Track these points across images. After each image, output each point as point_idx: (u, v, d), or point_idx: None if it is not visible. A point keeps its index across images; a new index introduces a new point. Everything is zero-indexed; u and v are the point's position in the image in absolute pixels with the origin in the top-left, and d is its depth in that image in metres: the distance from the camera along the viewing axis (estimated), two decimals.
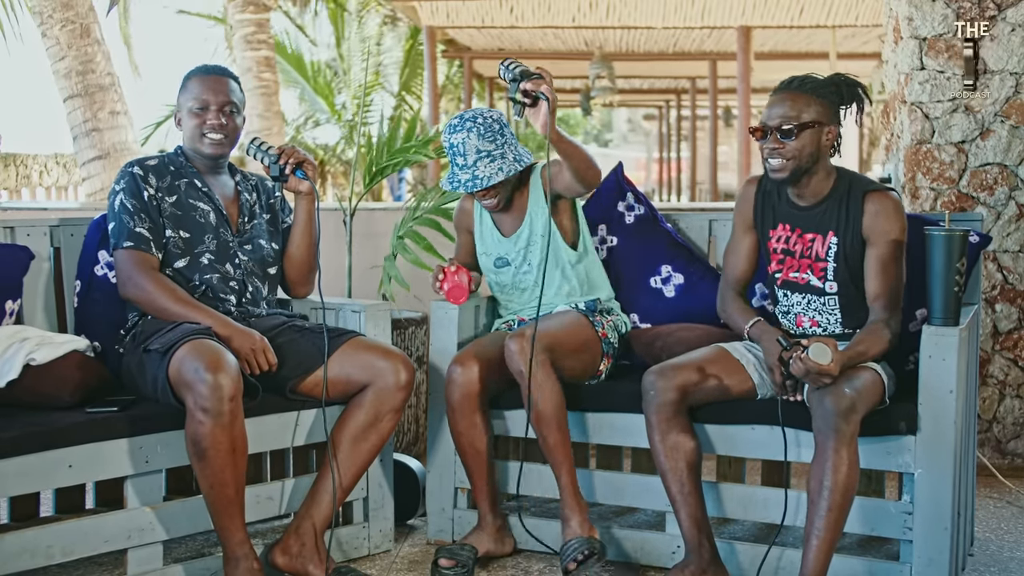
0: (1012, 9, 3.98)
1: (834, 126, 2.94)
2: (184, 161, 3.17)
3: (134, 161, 3.14)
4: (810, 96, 2.92)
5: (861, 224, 2.90)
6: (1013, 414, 4.10)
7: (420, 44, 15.64)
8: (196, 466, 2.72)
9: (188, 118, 3.12)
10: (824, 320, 2.98)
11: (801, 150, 2.89)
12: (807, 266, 2.98)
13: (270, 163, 3.12)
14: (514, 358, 3.01)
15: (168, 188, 3.10)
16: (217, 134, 3.10)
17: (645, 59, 15.07)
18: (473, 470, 3.16)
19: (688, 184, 23.57)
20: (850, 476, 2.64)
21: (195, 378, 2.68)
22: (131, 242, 3.01)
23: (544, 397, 3.00)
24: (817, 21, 11.41)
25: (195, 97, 3.10)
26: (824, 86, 2.95)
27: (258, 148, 3.15)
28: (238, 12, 11.09)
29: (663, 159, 24.60)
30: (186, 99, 3.12)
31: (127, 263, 3.00)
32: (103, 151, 8.10)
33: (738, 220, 3.14)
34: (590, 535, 3.02)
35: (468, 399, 3.10)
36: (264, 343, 2.94)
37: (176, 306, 2.96)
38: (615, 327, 3.29)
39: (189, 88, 3.13)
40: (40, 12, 8.01)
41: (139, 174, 3.08)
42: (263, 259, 3.19)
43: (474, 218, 3.40)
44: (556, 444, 3.03)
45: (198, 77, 3.14)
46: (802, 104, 2.91)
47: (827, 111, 2.93)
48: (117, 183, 3.09)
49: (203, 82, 3.12)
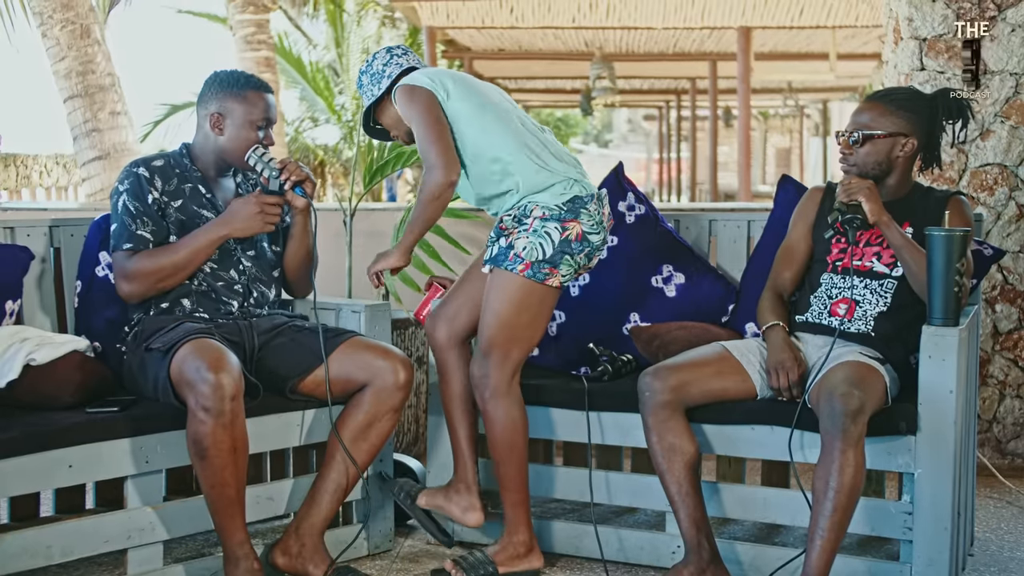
0: (1012, 9, 3.98)
1: (914, 139, 2.99)
2: (189, 163, 3.14)
3: (139, 161, 3.11)
4: (888, 107, 3.00)
5: (941, 219, 2.92)
6: (1013, 414, 4.10)
7: (420, 44, 15.64)
8: (197, 466, 2.72)
9: (248, 131, 3.06)
10: (869, 302, 2.97)
11: (866, 159, 2.98)
12: (872, 254, 3.00)
13: (270, 176, 3.07)
14: (476, 386, 2.98)
15: (173, 192, 3.08)
16: (265, 152, 3.09)
17: (645, 59, 15.07)
18: (454, 417, 3.08)
19: (688, 184, 23.57)
20: (856, 478, 2.63)
21: (197, 377, 2.68)
22: (131, 244, 3.01)
23: (504, 426, 2.96)
24: (817, 21, 11.41)
25: (261, 114, 3.07)
26: (911, 99, 3.02)
27: (260, 158, 3.08)
28: (238, 12, 11.09)
29: (663, 159, 24.59)
30: (247, 111, 3.06)
31: (126, 264, 3.00)
32: (103, 151, 8.09)
33: (799, 224, 3.17)
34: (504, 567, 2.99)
35: (451, 340, 3.07)
36: (259, 198, 3.02)
37: (181, 252, 2.99)
38: (546, 235, 2.90)
39: (252, 101, 3.07)
40: (40, 12, 8.01)
41: (145, 176, 3.06)
42: (266, 263, 3.18)
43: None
44: (510, 470, 2.99)
45: (262, 94, 3.09)
46: (876, 114, 2.99)
47: (907, 124, 2.98)
48: (121, 183, 3.07)
49: (267, 101, 3.09)
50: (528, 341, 2.98)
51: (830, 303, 3.02)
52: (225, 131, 3.08)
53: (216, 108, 3.09)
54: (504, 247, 2.95)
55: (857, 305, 2.98)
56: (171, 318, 2.99)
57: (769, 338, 2.99)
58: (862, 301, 2.98)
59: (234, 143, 3.08)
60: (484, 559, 2.99)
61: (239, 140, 3.08)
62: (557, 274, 2.91)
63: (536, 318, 2.95)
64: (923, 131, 3.01)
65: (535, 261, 2.89)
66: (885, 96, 3.04)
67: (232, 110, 3.07)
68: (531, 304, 2.92)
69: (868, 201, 2.90)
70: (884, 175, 3.01)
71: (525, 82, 20.09)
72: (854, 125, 3.02)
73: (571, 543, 3.18)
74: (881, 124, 2.98)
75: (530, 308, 2.92)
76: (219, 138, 3.09)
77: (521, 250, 2.91)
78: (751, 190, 13.08)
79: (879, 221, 2.90)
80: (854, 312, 2.97)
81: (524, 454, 3.00)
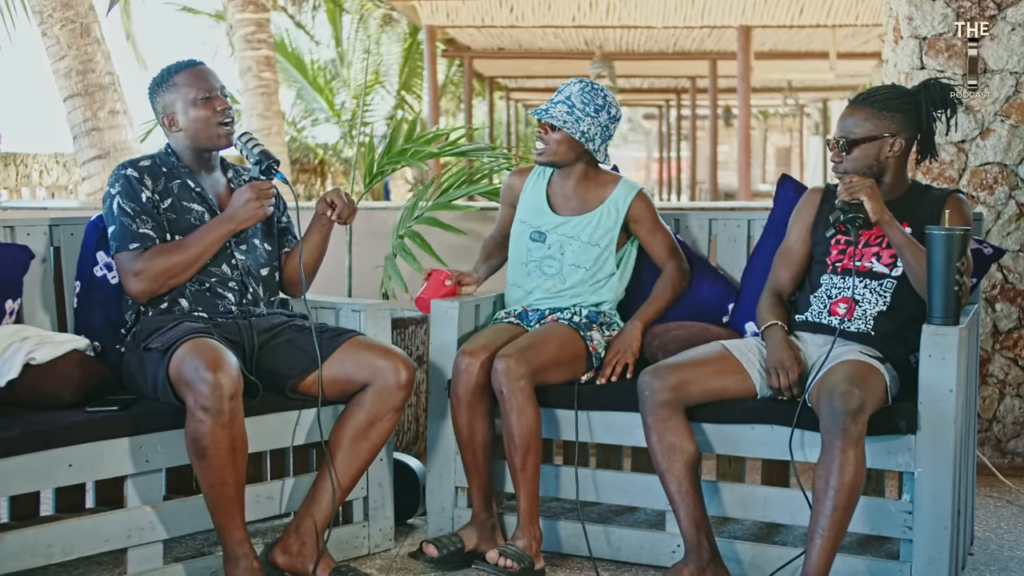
0: (1012, 9, 3.98)
1: (901, 137, 2.98)
2: (176, 161, 3.13)
3: (126, 163, 3.09)
4: (871, 110, 2.99)
5: (940, 218, 2.93)
6: (1013, 413, 4.10)
7: (420, 43, 15.64)
8: (196, 465, 2.72)
9: (195, 110, 3.06)
10: (869, 302, 2.97)
11: (856, 164, 2.98)
12: (872, 255, 3.00)
13: (251, 162, 3.11)
14: (499, 378, 3.02)
15: (163, 191, 3.07)
16: (227, 119, 3.08)
17: (645, 59, 15.09)
18: (470, 465, 3.16)
19: (688, 184, 23.56)
20: (856, 477, 2.63)
21: (195, 377, 2.68)
22: (137, 243, 2.99)
23: (520, 421, 3.02)
24: (817, 21, 11.42)
25: (198, 87, 3.06)
26: (894, 98, 3.02)
27: (244, 144, 3.11)
28: (238, 11, 11.09)
29: (663, 159, 24.60)
30: (184, 94, 3.07)
31: (135, 263, 2.98)
32: (103, 151, 8.09)
33: (798, 225, 3.17)
34: (533, 556, 3.03)
35: (474, 390, 3.10)
36: (251, 185, 3.04)
37: (192, 248, 3.00)
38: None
39: (181, 84, 3.07)
40: (40, 11, 8.01)
41: (135, 176, 3.05)
42: (257, 260, 3.18)
43: (522, 189, 3.45)
44: (524, 468, 3.05)
45: (188, 71, 3.09)
46: (861, 118, 3.00)
47: (893, 124, 2.98)
48: (112, 186, 3.05)
49: (196, 73, 3.09)
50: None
51: (830, 303, 3.02)
52: (180, 125, 3.09)
53: (160, 109, 3.11)
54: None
55: (857, 305, 2.98)
56: (170, 317, 2.99)
57: (768, 338, 2.99)
58: (862, 301, 2.98)
59: (192, 130, 3.08)
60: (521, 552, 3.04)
61: (194, 124, 3.08)
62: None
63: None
64: (911, 127, 3.01)
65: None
66: (868, 99, 3.02)
67: (172, 102, 3.09)
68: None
69: (870, 200, 2.89)
70: (878, 176, 3.00)
71: (525, 81, 20.10)
72: (840, 131, 3.01)
73: (571, 543, 3.18)
74: (867, 128, 2.98)
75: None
76: (179, 134, 3.10)
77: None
78: (751, 189, 13.08)
79: (881, 220, 2.90)
80: (854, 311, 2.97)
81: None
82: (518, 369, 3.01)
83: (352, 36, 17.41)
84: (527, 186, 3.45)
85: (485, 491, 3.17)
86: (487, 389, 3.11)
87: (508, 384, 3.01)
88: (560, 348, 3.15)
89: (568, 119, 3.25)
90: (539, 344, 3.11)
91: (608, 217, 3.33)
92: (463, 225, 4.35)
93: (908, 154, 3.04)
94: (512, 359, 3.02)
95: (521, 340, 3.12)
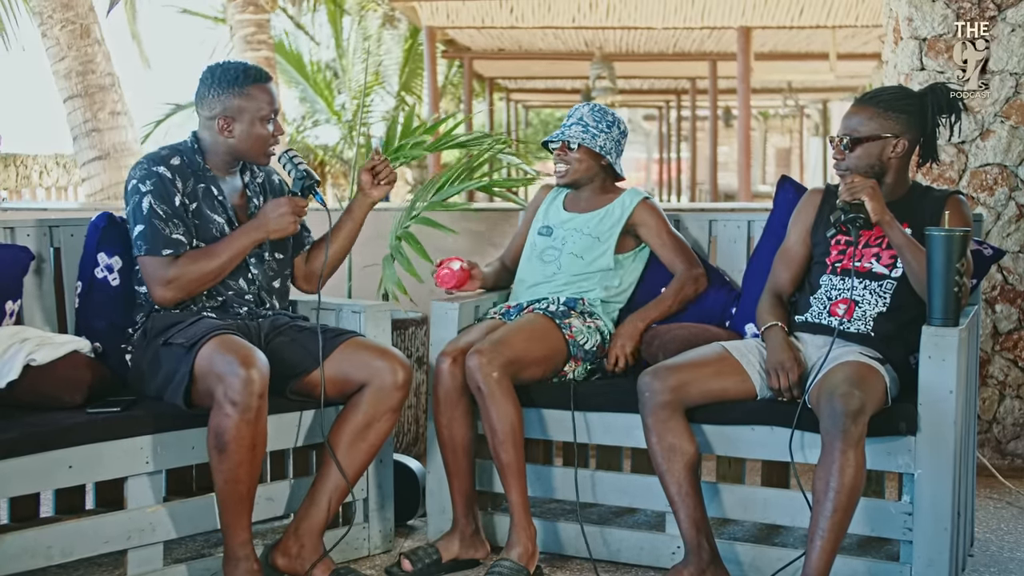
0: (1012, 9, 3.98)
1: (905, 138, 2.99)
2: (201, 162, 3.07)
3: (157, 159, 3.02)
4: (877, 109, 2.99)
5: (940, 219, 2.92)
6: (1013, 414, 4.10)
7: (420, 44, 15.64)
8: (214, 459, 2.72)
9: (261, 127, 3.02)
10: (869, 302, 2.97)
11: (858, 162, 2.98)
12: (872, 255, 3.00)
13: (295, 180, 3.10)
14: (473, 375, 3.03)
15: (191, 194, 3.03)
16: (277, 142, 3.08)
17: (645, 59, 15.08)
18: (451, 467, 3.15)
19: (688, 185, 23.56)
20: (856, 478, 2.63)
21: (228, 371, 2.69)
22: (170, 249, 2.94)
23: (500, 416, 3.02)
24: (817, 21, 11.42)
25: (269, 106, 3.02)
26: (900, 99, 3.02)
27: (290, 160, 3.11)
28: (238, 13, 11.09)
29: (663, 159, 24.59)
30: (255, 108, 3.00)
31: (167, 270, 2.94)
32: (103, 151, 8.10)
33: (798, 226, 3.17)
34: (527, 566, 3.02)
35: (452, 391, 3.11)
36: (291, 200, 3.03)
37: (223, 257, 2.98)
38: (597, 330, 3.28)
39: (256, 96, 3.01)
40: (40, 12, 8.02)
41: (168, 177, 2.98)
42: (267, 271, 3.16)
43: (543, 200, 3.57)
44: (509, 463, 3.04)
45: (264, 85, 3.03)
46: (866, 117, 2.99)
47: (897, 125, 2.98)
48: (142, 183, 2.97)
49: (269, 90, 3.04)
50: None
51: (829, 304, 3.02)
52: (235, 133, 3.03)
53: (220, 110, 3.02)
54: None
55: (856, 305, 2.98)
56: (186, 313, 2.99)
57: (768, 339, 2.99)
58: (861, 302, 2.98)
59: (247, 143, 3.05)
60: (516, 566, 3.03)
61: (251, 138, 3.04)
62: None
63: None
64: (915, 129, 3.01)
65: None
66: (873, 98, 3.02)
67: (238, 110, 3.01)
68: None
69: (871, 200, 2.89)
70: (879, 176, 3.00)
71: (525, 82, 20.11)
72: (844, 129, 3.02)
73: (571, 544, 3.18)
74: (871, 127, 2.98)
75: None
76: (229, 139, 3.04)
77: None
78: (751, 190, 13.08)
79: (882, 220, 2.89)
80: (853, 312, 2.97)
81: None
82: (491, 362, 3.01)
83: (352, 37, 17.41)
84: (548, 199, 3.57)
85: (467, 496, 3.16)
86: (467, 390, 3.11)
87: (482, 378, 3.01)
88: (534, 338, 3.15)
89: (585, 136, 3.37)
90: (511, 336, 3.11)
91: (611, 215, 3.40)
92: (460, 226, 4.35)
93: (910, 156, 3.04)
94: (483, 354, 3.03)
95: (494, 334, 3.12)
